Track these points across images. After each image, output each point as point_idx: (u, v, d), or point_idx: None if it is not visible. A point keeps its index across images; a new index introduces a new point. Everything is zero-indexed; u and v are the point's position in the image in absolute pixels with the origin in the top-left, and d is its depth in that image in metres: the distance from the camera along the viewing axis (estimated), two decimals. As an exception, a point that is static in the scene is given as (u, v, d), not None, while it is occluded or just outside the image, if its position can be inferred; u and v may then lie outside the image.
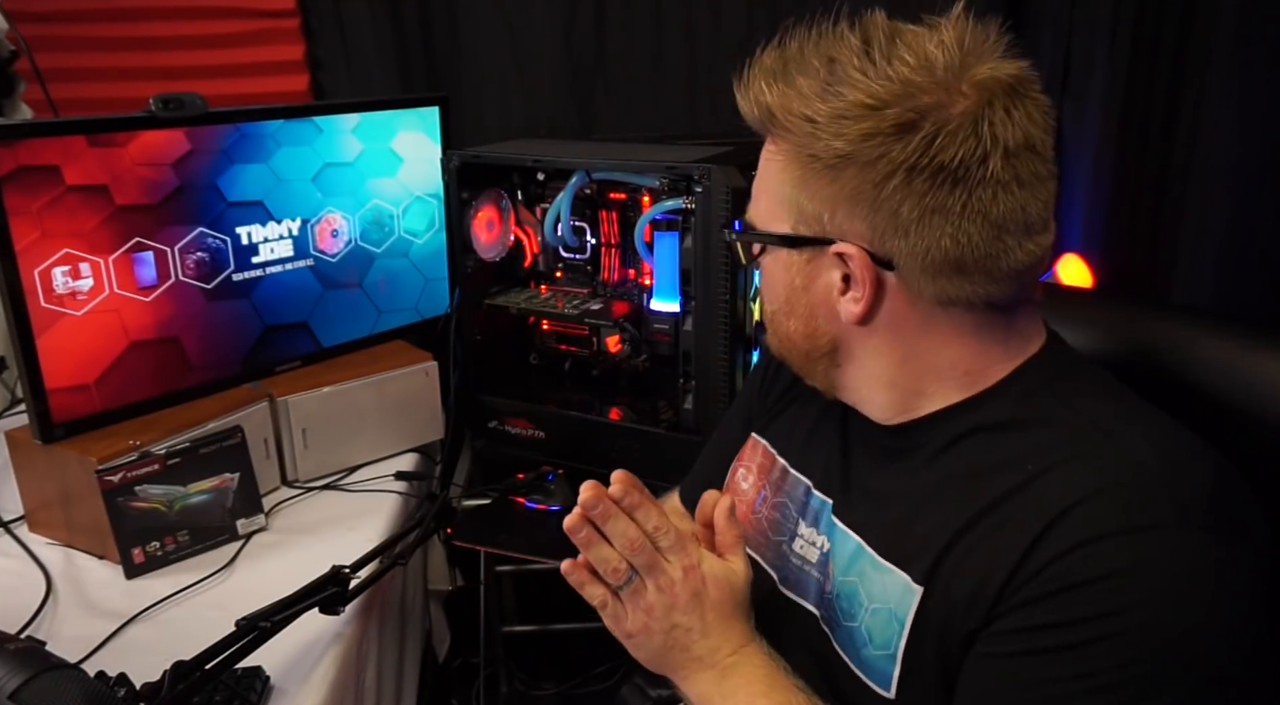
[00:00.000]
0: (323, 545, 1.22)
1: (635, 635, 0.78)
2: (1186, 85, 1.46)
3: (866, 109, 0.66)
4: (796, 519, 0.86)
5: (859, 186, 0.68)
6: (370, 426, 1.43)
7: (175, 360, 1.29)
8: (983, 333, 0.73)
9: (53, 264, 1.15)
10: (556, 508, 1.31)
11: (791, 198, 0.73)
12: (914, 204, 0.67)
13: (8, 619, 1.06)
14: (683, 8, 1.70)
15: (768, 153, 0.76)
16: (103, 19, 1.74)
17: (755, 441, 0.96)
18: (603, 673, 1.92)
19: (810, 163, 0.70)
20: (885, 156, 0.66)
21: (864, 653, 0.75)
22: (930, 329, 0.73)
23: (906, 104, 0.65)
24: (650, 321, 1.37)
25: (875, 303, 0.72)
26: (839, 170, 0.69)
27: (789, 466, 0.89)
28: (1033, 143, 0.67)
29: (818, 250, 0.73)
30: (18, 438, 1.21)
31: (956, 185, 0.66)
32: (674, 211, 1.26)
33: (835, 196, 0.70)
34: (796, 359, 0.81)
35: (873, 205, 0.68)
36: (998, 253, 0.68)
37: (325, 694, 0.97)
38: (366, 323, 1.53)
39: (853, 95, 0.67)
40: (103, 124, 1.18)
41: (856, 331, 0.75)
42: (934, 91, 0.66)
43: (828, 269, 0.73)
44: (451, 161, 1.39)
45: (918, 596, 0.70)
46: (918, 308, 0.72)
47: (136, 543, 1.15)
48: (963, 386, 0.74)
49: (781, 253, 0.76)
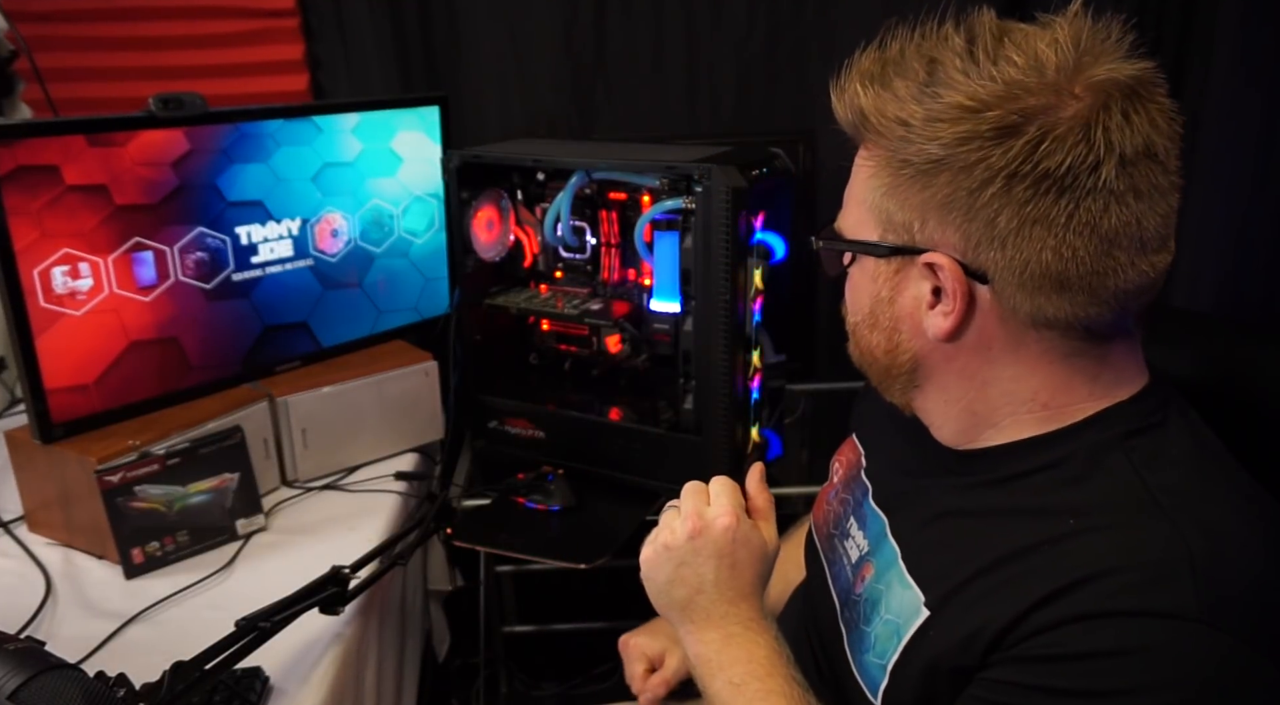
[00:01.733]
0: (322, 545, 1.22)
1: (648, 561, 0.80)
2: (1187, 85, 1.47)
3: (964, 111, 0.62)
4: (850, 518, 0.87)
5: (953, 193, 0.64)
6: (370, 426, 1.42)
7: (175, 360, 1.29)
8: (1073, 362, 0.68)
9: (52, 264, 1.15)
10: (556, 508, 1.31)
11: (880, 205, 0.70)
12: (1013, 213, 0.62)
13: (7, 619, 1.06)
14: (683, 8, 1.70)
15: (860, 159, 0.72)
16: (103, 19, 1.74)
17: (852, 440, 0.97)
18: (603, 673, 1.92)
19: (902, 168, 0.67)
20: (983, 161, 0.62)
21: (865, 657, 0.75)
22: (1019, 352, 0.68)
23: (1010, 106, 0.61)
24: (650, 321, 1.37)
25: (965, 318, 0.68)
26: (932, 176, 0.65)
27: (864, 470, 0.90)
28: (1154, 150, 0.63)
29: (906, 260, 0.69)
30: (17, 438, 1.21)
31: (1063, 194, 0.61)
32: (674, 211, 1.26)
33: (927, 204, 0.66)
34: (876, 373, 0.78)
35: (967, 214, 0.64)
36: (1105, 270, 0.63)
37: (325, 694, 0.97)
38: (366, 323, 1.53)
39: (950, 97, 0.63)
40: (102, 124, 1.18)
41: (941, 350, 0.71)
42: (1043, 93, 0.61)
43: (916, 281, 0.70)
44: (451, 161, 1.39)
45: (921, 619, 0.70)
46: (1009, 327, 0.67)
47: (136, 543, 1.15)
48: (1039, 421, 0.70)
49: (869, 262, 0.73)
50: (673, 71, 1.74)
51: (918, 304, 0.70)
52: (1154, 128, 0.63)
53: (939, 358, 0.72)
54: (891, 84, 0.66)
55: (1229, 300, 1.45)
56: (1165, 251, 0.66)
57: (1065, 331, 0.67)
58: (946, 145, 0.63)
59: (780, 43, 1.68)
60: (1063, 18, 0.64)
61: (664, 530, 0.80)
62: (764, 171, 1.24)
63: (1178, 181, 0.65)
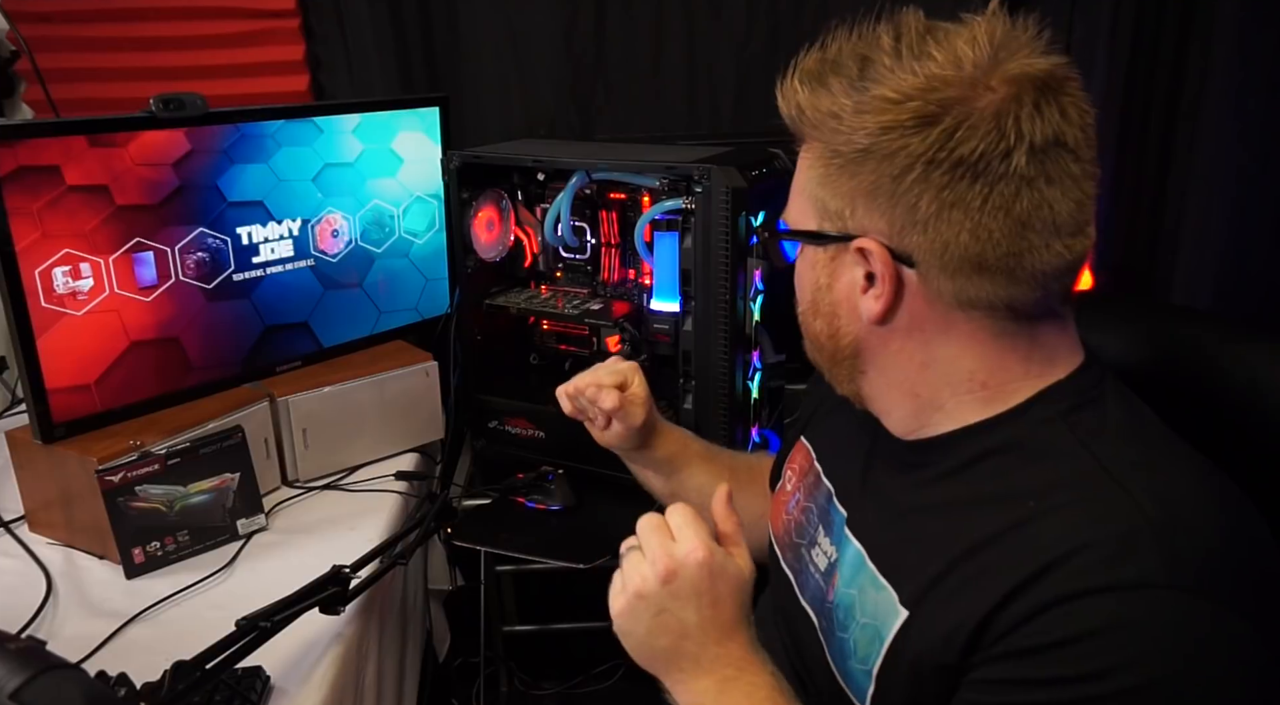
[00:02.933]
0: (323, 545, 1.23)
1: (621, 614, 0.73)
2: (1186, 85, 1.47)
3: (888, 103, 0.66)
4: (818, 525, 0.86)
5: (878, 180, 0.68)
6: (370, 426, 1.43)
7: (175, 360, 1.29)
8: (1002, 342, 0.70)
9: (53, 264, 1.15)
10: (556, 508, 1.31)
11: (816, 195, 0.73)
12: (931, 197, 0.66)
13: (8, 619, 1.06)
14: (683, 8, 1.70)
15: (801, 154, 0.76)
16: (103, 19, 1.74)
17: (801, 444, 0.97)
18: (603, 673, 1.92)
19: (833, 159, 0.70)
20: (904, 149, 0.66)
21: (848, 665, 0.75)
22: (949, 332, 0.71)
23: (929, 97, 0.65)
24: (650, 321, 1.37)
25: (895, 301, 0.71)
26: (859, 164, 0.68)
27: (821, 472, 0.89)
28: (1064, 139, 0.65)
29: (840, 247, 0.72)
30: (18, 438, 1.21)
31: (977, 179, 0.65)
32: (674, 211, 1.26)
33: (855, 191, 0.70)
34: (824, 362, 0.80)
35: (891, 199, 0.68)
36: (1021, 251, 0.66)
37: (325, 694, 0.97)
38: (367, 323, 1.53)
39: (877, 90, 0.67)
40: (103, 124, 1.18)
41: (878, 333, 0.73)
42: (960, 86, 0.65)
43: (850, 266, 0.73)
44: (451, 162, 1.39)
45: (900, 619, 0.70)
46: (937, 308, 0.70)
47: (137, 543, 1.15)
48: (980, 403, 0.72)
49: (809, 251, 0.76)
50: (673, 72, 1.74)
51: (852, 289, 0.73)
52: (1064, 118, 0.65)
53: (876, 341, 0.74)
54: (827, 81, 0.70)
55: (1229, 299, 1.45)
56: (1083, 236, 0.68)
57: (990, 311, 0.69)
58: (871, 134, 0.67)
59: (780, 43, 1.68)
60: (982, 16, 0.68)
61: (632, 577, 0.73)
62: (764, 171, 1.24)
63: (1092, 170, 0.68)
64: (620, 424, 1.09)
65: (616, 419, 1.08)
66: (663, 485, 1.15)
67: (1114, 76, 1.49)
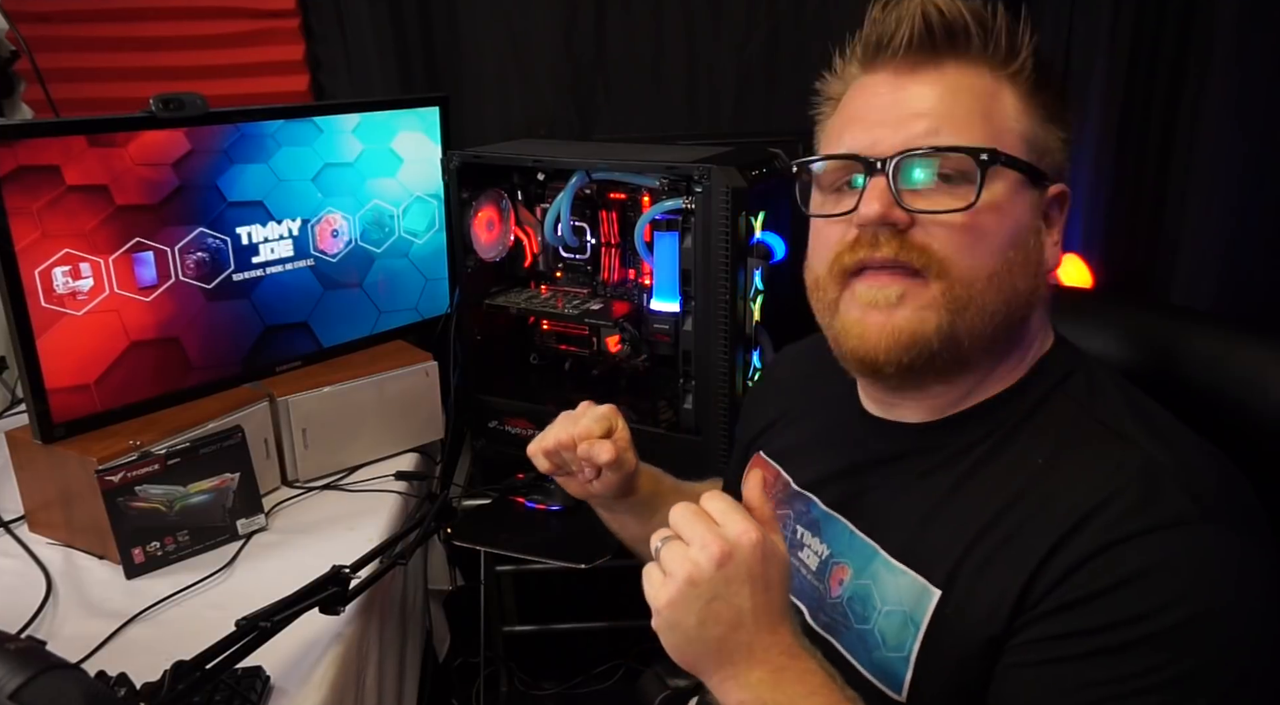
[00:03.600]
0: (323, 545, 1.23)
1: (671, 605, 0.66)
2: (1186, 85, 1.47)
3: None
4: (796, 528, 0.85)
5: (1066, 116, 0.72)
6: (370, 426, 1.43)
7: (175, 360, 1.29)
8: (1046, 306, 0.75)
9: (53, 264, 1.15)
10: (557, 508, 1.31)
11: (1031, 133, 0.71)
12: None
13: (8, 619, 1.06)
14: (683, 8, 1.70)
15: (969, 79, 0.71)
16: (103, 19, 1.74)
17: (760, 459, 0.94)
18: (603, 673, 1.92)
19: (1040, 91, 0.71)
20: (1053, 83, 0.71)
21: (876, 655, 0.73)
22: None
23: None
24: (650, 321, 1.37)
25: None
26: (1062, 99, 0.72)
27: (792, 482, 0.88)
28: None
29: (1042, 190, 0.72)
30: (18, 438, 1.21)
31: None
32: (674, 211, 1.26)
33: (1063, 127, 0.73)
34: (996, 331, 0.70)
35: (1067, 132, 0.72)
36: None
37: (325, 694, 0.97)
38: (367, 323, 1.53)
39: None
40: (103, 124, 1.18)
41: (1043, 287, 0.74)
42: None
43: (1040, 212, 0.72)
44: (451, 161, 1.39)
45: (935, 599, 0.69)
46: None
47: (137, 543, 1.15)
48: (1008, 371, 0.74)
49: (1019, 195, 0.70)
50: (673, 71, 1.74)
51: (1044, 235, 0.73)
52: None
53: (1040, 297, 0.73)
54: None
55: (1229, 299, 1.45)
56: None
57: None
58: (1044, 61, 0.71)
59: (780, 43, 1.68)
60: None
61: (680, 564, 0.65)
62: (764, 171, 1.24)
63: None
64: (613, 473, 0.96)
65: (609, 469, 0.95)
66: (639, 529, 1.03)
67: (1114, 76, 1.49)
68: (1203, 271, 1.47)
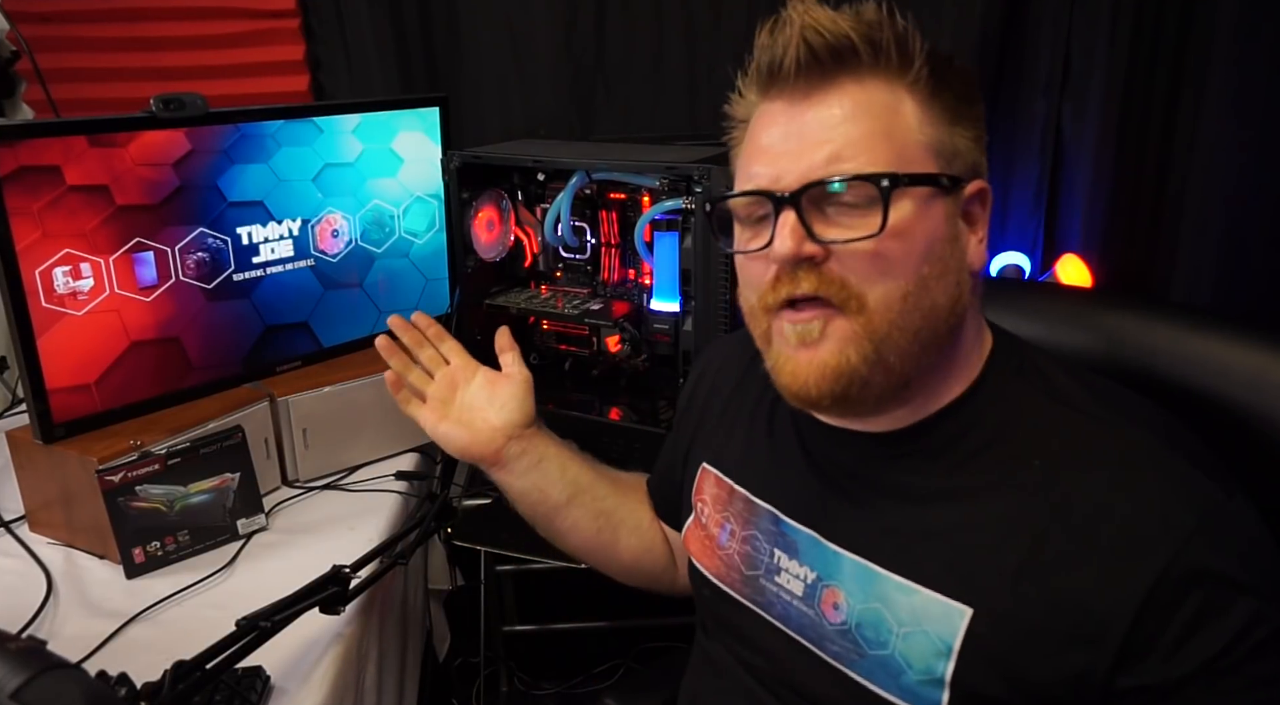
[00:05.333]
0: (323, 545, 1.23)
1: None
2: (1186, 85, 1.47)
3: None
4: (770, 550, 0.81)
5: (977, 112, 0.71)
6: (370, 426, 1.43)
7: (176, 360, 1.29)
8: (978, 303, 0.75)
9: (53, 264, 1.15)
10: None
11: (937, 138, 0.69)
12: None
13: (8, 619, 1.06)
14: (683, 8, 1.70)
15: (867, 95, 0.68)
16: (103, 19, 1.74)
17: (707, 471, 0.90)
18: (603, 672, 1.92)
19: (939, 94, 0.69)
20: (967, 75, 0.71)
21: (903, 680, 0.69)
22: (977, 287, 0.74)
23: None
24: (650, 321, 1.37)
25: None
26: (972, 98, 0.71)
27: (750, 495, 0.84)
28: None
29: (957, 193, 0.70)
30: (18, 438, 1.21)
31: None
32: (674, 211, 1.26)
33: (975, 125, 0.72)
34: (926, 340, 0.69)
35: (979, 128, 0.71)
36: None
37: (325, 694, 0.97)
38: (367, 323, 1.53)
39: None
40: (103, 124, 1.18)
41: (972, 285, 0.72)
42: None
43: (958, 213, 0.70)
44: (451, 162, 1.39)
45: (967, 617, 0.66)
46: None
47: (137, 542, 1.15)
48: (962, 373, 0.73)
49: (934, 204, 0.68)
50: (673, 71, 1.74)
51: (963, 236, 0.71)
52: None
53: (968, 298, 0.72)
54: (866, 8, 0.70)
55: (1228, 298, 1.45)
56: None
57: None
58: (942, 59, 0.69)
59: None
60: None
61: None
62: (764, 172, 1.24)
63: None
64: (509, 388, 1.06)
65: (503, 355, 1.07)
66: (552, 494, 1.06)
67: (1114, 76, 1.49)
68: (1202, 270, 1.47)
